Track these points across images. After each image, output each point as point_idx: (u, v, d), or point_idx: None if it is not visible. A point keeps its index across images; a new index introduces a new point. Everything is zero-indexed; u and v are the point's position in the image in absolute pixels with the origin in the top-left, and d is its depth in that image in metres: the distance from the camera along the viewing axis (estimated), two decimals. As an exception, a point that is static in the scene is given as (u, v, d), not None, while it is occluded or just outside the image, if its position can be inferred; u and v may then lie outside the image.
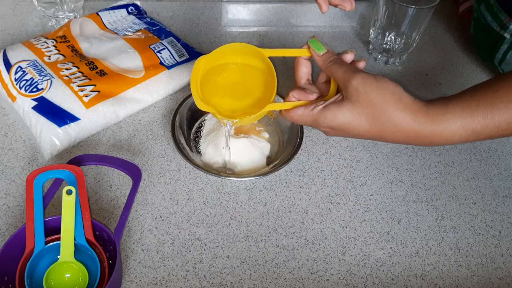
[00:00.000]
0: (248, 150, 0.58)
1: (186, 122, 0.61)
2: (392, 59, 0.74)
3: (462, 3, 0.83)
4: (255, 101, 0.52)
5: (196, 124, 0.62)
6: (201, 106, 0.49)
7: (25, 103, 0.57)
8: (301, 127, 0.59)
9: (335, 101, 0.45)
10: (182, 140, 0.58)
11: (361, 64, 0.48)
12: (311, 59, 0.50)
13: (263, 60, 0.51)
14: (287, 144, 0.59)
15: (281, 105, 0.49)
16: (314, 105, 0.46)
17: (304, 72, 0.50)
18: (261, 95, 0.52)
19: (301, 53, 0.49)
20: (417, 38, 0.70)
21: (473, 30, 0.75)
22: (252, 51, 0.50)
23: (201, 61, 0.50)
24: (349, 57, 0.48)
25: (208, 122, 0.62)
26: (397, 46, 0.72)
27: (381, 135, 0.44)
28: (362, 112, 0.43)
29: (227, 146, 0.55)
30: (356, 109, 0.43)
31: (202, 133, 0.61)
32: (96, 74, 0.62)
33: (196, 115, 0.62)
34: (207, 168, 0.55)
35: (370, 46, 0.76)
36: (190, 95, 0.61)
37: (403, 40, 0.71)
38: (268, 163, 0.58)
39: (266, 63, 0.51)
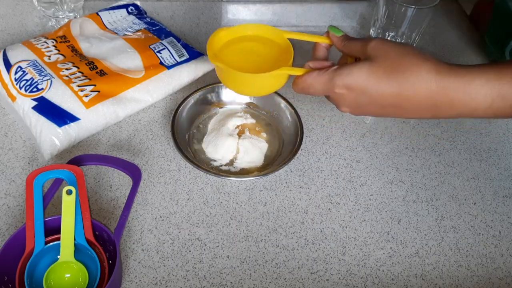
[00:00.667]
0: (247, 151, 0.58)
1: (186, 121, 0.61)
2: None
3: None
4: (271, 68, 0.49)
5: (197, 124, 0.62)
6: (213, 60, 0.49)
7: (25, 103, 0.57)
8: (301, 128, 0.59)
9: (353, 62, 0.43)
10: (182, 140, 0.58)
11: None
12: (329, 50, 0.50)
13: (282, 39, 0.52)
14: (287, 144, 0.59)
15: (295, 70, 0.47)
16: (329, 67, 0.44)
17: (321, 56, 0.50)
18: (276, 64, 0.50)
19: (320, 39, 0.50)
20: (417, 38, 0.70)
21: (492, 15, 0.71)
22: (272, 31, 0.52)
23: (221, 31, 0.52)
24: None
25: (210, 121, 0.62)
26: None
27: (399, 93, 0.40)
28: (380, 65, 0.41)
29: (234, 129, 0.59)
30: (374, 64, 0.41)
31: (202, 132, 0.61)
32: (96, 74, 0.62)
33: (195, 116, 0.62)
34: (207, 168, 0.55)
35: (370, 46, 0.76)
36: (190, 95, 0.61)
37: (403, 40, 0.70)
38: (268, 163, 0.58)
39: (284, 41, 0.52)
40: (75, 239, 0.44)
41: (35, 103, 0.57)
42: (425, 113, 0.42)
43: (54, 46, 0.65)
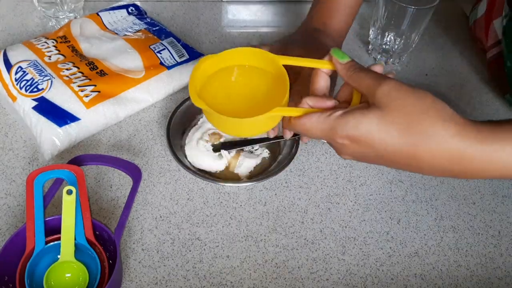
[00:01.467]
0: (242, 164, 0.57)
1: (182, 124, 0.60)
2: (391, 60, 0.74)
3: (490, 48, 0.71)
4: (261, 106, 0.43)
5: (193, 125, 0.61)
6: (196, 101, 0.43)
7: (26, 103, 0.57)
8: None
9: (360, 108, 0.37)
10: (178, 145, 0.57)
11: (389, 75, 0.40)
12: (332, 76, 0.44)
13: (276, 66, 0.45)
14: (287, 144, 0.59)
15: (291, 110, 0.42)
16: (332, 111, 0.38)
17: (322, 85, 0.43)
18: (270, 101, 0.44)
19: (321, 64, 0.43)
20: (416, 38, 0.71)
21: (509, 75, 0.65)
22: (265, 58, 0.46)
23: (206, 60, 0.46)
24: (378, 69, 0.41)
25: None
26: (396, 46, 0.72)
27: (415, 154, 0.35)
28: (393, 120, 0.35)
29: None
30: (386, 116, 0.35)
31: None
32: (96, 74, 0.62)
33: (187, 122, 0.61)
34: (202, 174, 0.55)
35: (370, 46, 0.76)
36: (186, 99, 0.60)
37: (402, 41, 0.71)
38: (266, 165, 0.58)
39: (278, 69, 0.45)
40: (75, 239, 0.44)
41: (35, 103, 0.57)
42: (442, 174, 0.37)
43: (54, 46, 0.65)
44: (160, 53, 0.67)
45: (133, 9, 0.75)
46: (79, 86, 0.59)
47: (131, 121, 0.63)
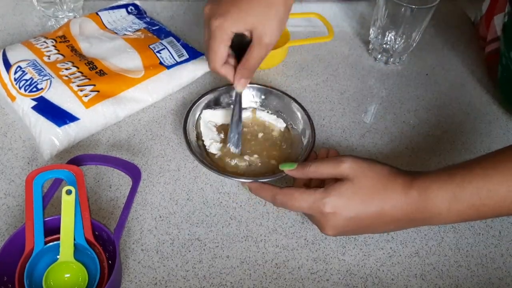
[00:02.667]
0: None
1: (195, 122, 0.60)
2: (392, 59, 0.74)
3: (488, 43, 0.73)
4: None
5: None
6: None
7: (25, 103, 0.57)
8: (313, 131, 0.57)
9: (337, 184, 0.44)
10: (193, 141, 0.56)
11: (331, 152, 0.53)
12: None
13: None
14: (297, 144, 0.59)
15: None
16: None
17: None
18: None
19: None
20: (417, 38, 0.70)
21: (500, 77, 0.68)
22: None
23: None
24: (323, 153, 0.53)
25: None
26: (397, 46, 0.71)
27: (380, 212, 0.43)
28: (362, 186, 0.43)
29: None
30: (356, 185, 0.44)
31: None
32: (95, 74, 0.62)
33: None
34: (223, 170, 0.53)
35: (370, 46, 0.76)
36: (201, 97, 0.60)
37: (403, 40, 0.70)
38: (275, 163, 0.57)
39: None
40: (74, 239, 0.44)
41: (34, 103, 0.57)
42: (404, 226, 0.46)
43: (53, 46, 0.65)
44: (160, 53, 0.67)
45: (133, 8, 0.75)
46: (78, 85, 0.59)
47: (131, 121, 0.62)
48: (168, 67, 0.65)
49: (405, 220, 0.44)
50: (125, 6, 0.75)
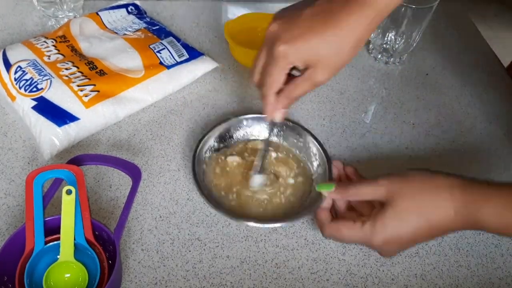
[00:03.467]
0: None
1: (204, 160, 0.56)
2: (392, 59, 0.74)
3: None
4: None
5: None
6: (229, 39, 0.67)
7: (25, 103, 0.57)
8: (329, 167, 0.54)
9: (379, 214, 0.44)
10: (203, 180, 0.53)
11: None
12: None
13: None
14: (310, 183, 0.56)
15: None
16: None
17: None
18: None
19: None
20: (417, 38, 0.70)
21: None
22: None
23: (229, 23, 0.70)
24: (349, 171, 0.52)
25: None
26: (397, 45, 0.71)
27: (430, 226, 0.42)
28: (403, 207, 0.43)
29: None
30: (397, 207, 0.43)
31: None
32: (95, 74, 0.62)
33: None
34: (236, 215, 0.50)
35: (370, 46, 0.76)
36: (206, 134, 0.57)
37: (403, 40, 0.70)
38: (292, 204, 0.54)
39: None
40: (74, 239, 0.44)
41: (34, 103, 0.57)
42: (456, 230, 0.46)
43: (53, 46, 0.65)
44: (160, 53, 0.67)
45: (133, 8, 0.75)
46: (78, 85, 0.59)
47: (131, 120, 0.62)
48: (168, 67, 0.65)
49: (454, 227, 0.43)
50: (125, 6, 0.75)
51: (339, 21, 0.43)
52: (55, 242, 0.45)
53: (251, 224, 0.48)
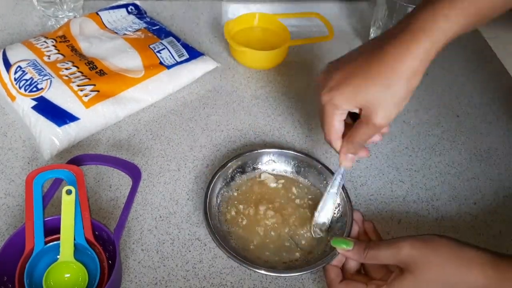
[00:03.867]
0: None
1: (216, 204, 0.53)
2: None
3: None
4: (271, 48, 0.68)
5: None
6: (229, 40, 0.68)
7: (25, 103, 0.57)
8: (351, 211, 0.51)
9: (397, 279, 0.40)
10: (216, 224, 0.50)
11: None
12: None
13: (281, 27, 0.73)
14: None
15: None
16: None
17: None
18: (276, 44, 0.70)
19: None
20: (417, 38, 0.70)
21: None
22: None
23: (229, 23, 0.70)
24: (368, 226, 0.49)
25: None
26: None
27: None
28: (425, 278, 0.39)
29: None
30: (419, 277, 0.39)
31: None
32: (95, 74, 0.62)
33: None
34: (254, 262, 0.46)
35: (370, 46, 0.76)
36: (216, 175, 0.53)
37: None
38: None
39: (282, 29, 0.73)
40: (74, 239, 0.44)
41: (34, 102, 0.57)
42: None
43: (53, 45, 0.65)
44: (160, 53, 0.67)
45: (133, 8, 0.75)
46: (78, 85, 0.59)
47: (131, 120, 0.62)
48: (168, 67, 0.65)
49: None
50: (125, 6, 0.75)
51: (383, 63, 0.41)
52: (55, 242, 0.45)
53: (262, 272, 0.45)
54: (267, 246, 0.49)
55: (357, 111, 0.44)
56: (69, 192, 0.44)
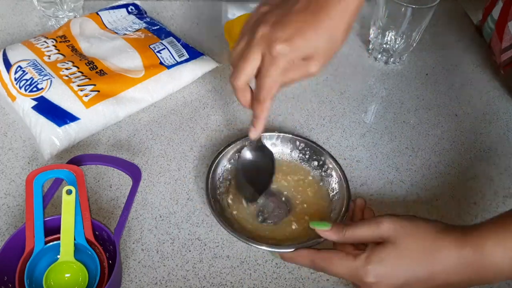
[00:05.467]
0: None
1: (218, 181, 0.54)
2: (392, 59, 0.74)
3: (503, 51, 0.70)
4: None
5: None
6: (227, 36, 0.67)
7: (25, 103, 0.57)
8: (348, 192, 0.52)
9: (377, 248, 0.41)
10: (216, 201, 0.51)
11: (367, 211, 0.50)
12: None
13: None
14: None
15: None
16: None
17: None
18: None
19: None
20: (417, 37, 0.70)
21: None
22: None
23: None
24: (359, 202, 0.50)
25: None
26: (397, 46, 0.71)
27: (432, 275, 0.39)
28: (407, 248, 0.40)
29: None
30: (399, 247, 0.40)
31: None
32: (96, 74, 0.62)
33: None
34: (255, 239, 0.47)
35: (370, 46, 0.76)
36: (219, 154, 0.55)
37: (403, 40, 0.70)
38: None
39: None
40: (75, 239, 0.44)
41: (35, 102, 0.57)
42: (459, 286, 0.41)
43: (54, 45, 0.65)
44: (160, 53, 0.67)
45: (133, 8, 0.75)
46: (78, 85, 0.59)
47: (131, 120, 0.62)
48: (168, 67, 0.65)
49: (459, 282, 0.40)
50: (125, 6, 0.75)
51: (329, 11, 0.42)
52: (55, 242, 0.45)
53: (264, 248, 0.46)
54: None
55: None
56: (69, 192, 0.44)
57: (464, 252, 0.39)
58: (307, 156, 0.57)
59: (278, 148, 0.57)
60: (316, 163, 0.56)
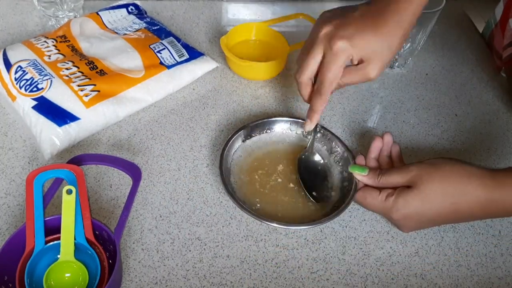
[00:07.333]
0: None
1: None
2: (397, 63, 0.74)
3: (505, 48, 0.71)
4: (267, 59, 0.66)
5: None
6: (225, 51, 0.66)
7: (25, 103, 0.57)
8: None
9: (404, 192, 0.47)
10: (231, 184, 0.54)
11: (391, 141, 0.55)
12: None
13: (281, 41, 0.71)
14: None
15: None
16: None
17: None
18: (273, 56, 0.69)
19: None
20: (422, 41, 0.70)
21: None
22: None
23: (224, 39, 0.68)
24: (380, 145, 0.55)
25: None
26: (402, 50, 0.71)
27: (456, 209, 0.46)
28: (431, 190, 0.46)
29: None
30: (424, 190, 0.46)
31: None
32: (96, 74, 0.62)
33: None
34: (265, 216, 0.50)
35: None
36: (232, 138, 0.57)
37: (408, 44, 0.70)
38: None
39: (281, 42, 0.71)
40: (75, 239, 0.44)
41: (35, 102, 0.57)
42: (480, 218, 0.50)
43: (54, 45, 0.65)
44: (160, 53, 0.67)
45: (133, 8, 0.75)
46: (78, 85, 0.59)
47: (131, 120, 0.63)
48: (169, 67, 0.65)
49: (481, 213, 0.46)
50: (126, 6, 0.75)
51: (388, 19, 0.47)
52: (56, 242, 0.45)
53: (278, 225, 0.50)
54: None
55: (356, 62, 0.49)
56: (69, 192, 0.44)
57: (488, 188, 0.44)
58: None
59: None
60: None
